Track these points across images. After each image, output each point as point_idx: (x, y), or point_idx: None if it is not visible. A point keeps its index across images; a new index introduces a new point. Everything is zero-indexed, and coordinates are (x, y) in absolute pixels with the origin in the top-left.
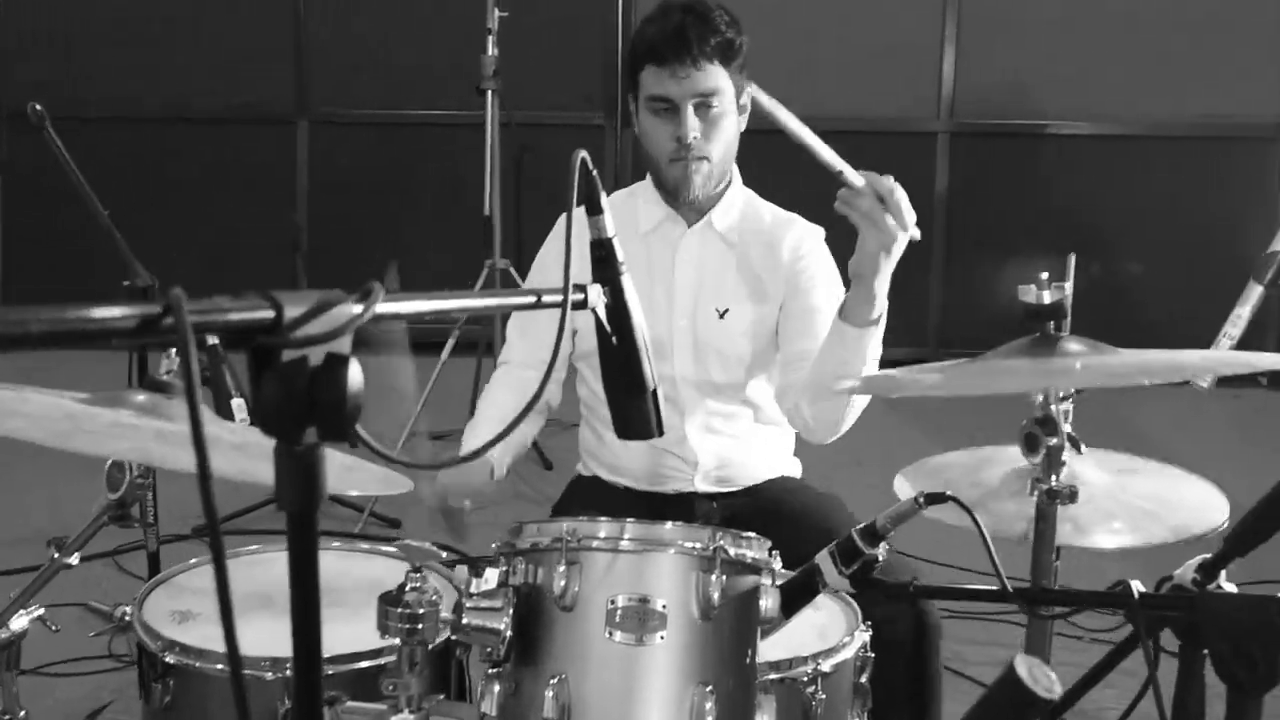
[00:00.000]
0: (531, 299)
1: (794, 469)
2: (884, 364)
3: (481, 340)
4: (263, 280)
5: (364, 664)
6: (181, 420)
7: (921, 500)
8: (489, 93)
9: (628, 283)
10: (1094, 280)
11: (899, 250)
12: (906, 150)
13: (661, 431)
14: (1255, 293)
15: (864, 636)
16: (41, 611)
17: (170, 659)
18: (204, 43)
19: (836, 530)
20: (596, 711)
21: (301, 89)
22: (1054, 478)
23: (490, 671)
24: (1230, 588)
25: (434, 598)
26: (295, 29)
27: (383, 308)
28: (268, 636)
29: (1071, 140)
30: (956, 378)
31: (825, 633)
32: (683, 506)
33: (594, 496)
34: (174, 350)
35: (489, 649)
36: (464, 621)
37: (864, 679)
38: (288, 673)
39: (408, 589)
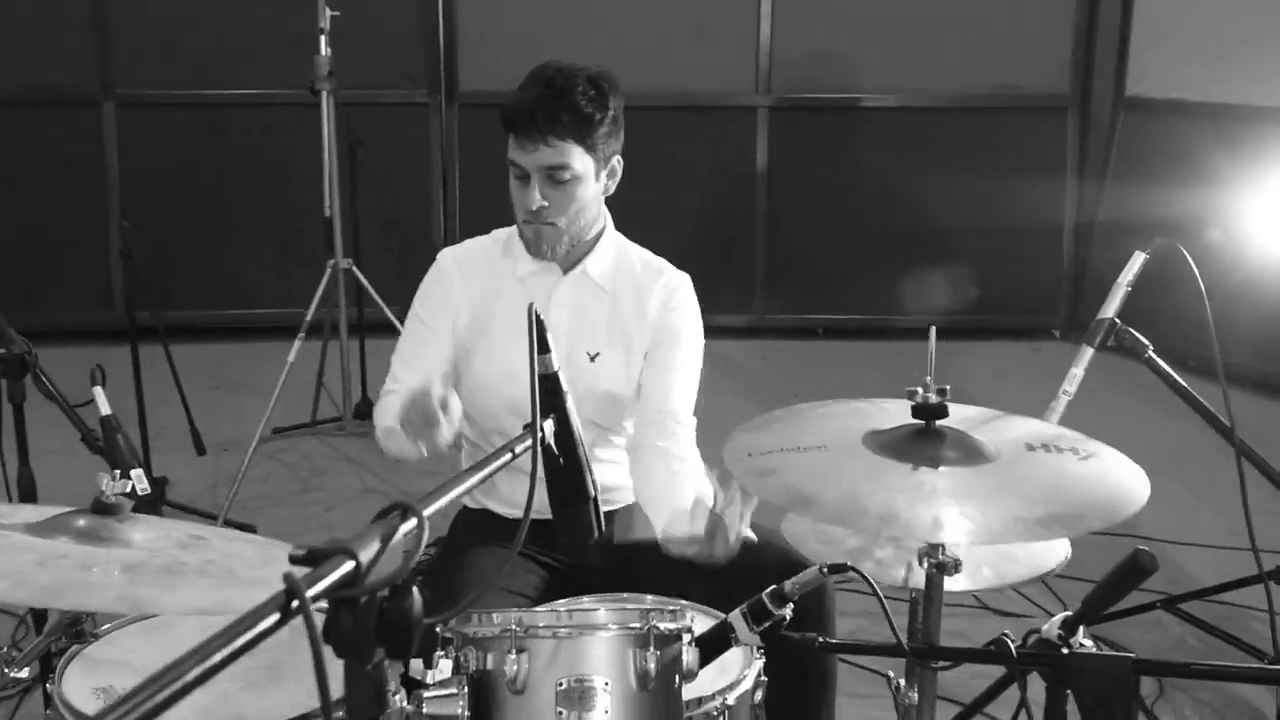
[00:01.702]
0: (508, 455)
1: None
2: (712, 332)
3: (327, 321)
4: (80, 282)
5: None
6: (125, 547)
7: (825, 570)
8: (324, 93)
9: (571, 409)
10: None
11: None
12: (728, 124)
13: (601, 533)
14: (1087, 355)
15: (759, 664)
16: None
17: None
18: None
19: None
20: None
21: (104, 66)
22: (940, 552)
23: None
24: (1088, 644)
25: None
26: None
27: (431, 510)
28: (195, 715)
29: (880, 113)
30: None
31: (725, 664)
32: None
33: (484, 528)
34: (118, 471)
35: None
36: (424, 710)
37: (758, 698)
38: None
39: None
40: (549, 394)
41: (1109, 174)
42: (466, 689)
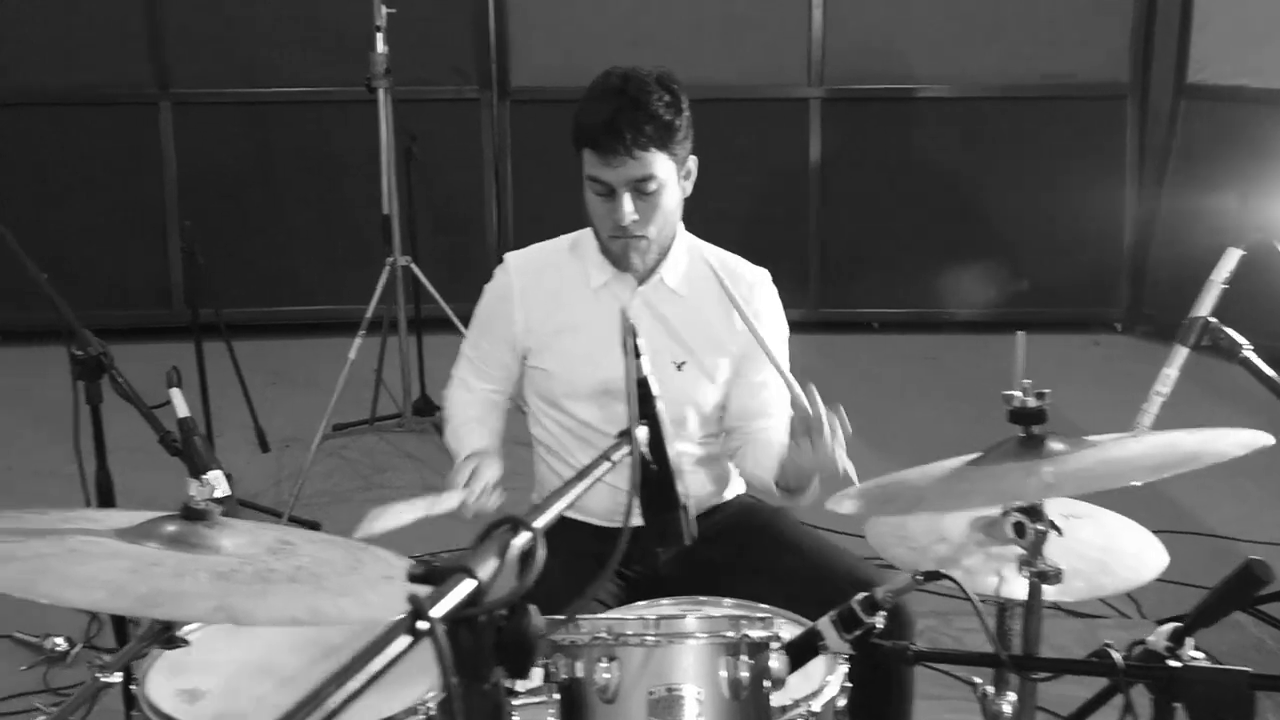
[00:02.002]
0: (608, 464)
1: (740, 486)
2: None
3: (385, 318)
4: (138, 280)
5: None
6: (215, 553)
7: (919, 578)
8: (381, 90)
9: (663, 415)
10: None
11: (823, 472)
12: (780, 116)
13: (694, 540)
14: (1181, 354)
15: (842, 669)
16: None
17: None
18: (54, 21)
19: (793, 543)
20: None
21: (161, 66)
22: (1040, 560)
23: None
24: (1199, 656)
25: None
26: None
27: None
28: (278, 715)
29: (936, 103)
30: (942, 493)
31: (808, 671)
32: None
33: (557, 534)
34: (206, 474)
35: None
36: (514, 718)
37: (841, 705)
38: None
39: None
40: (641, 399)
41: (1170, 163)
42: (557, 697)
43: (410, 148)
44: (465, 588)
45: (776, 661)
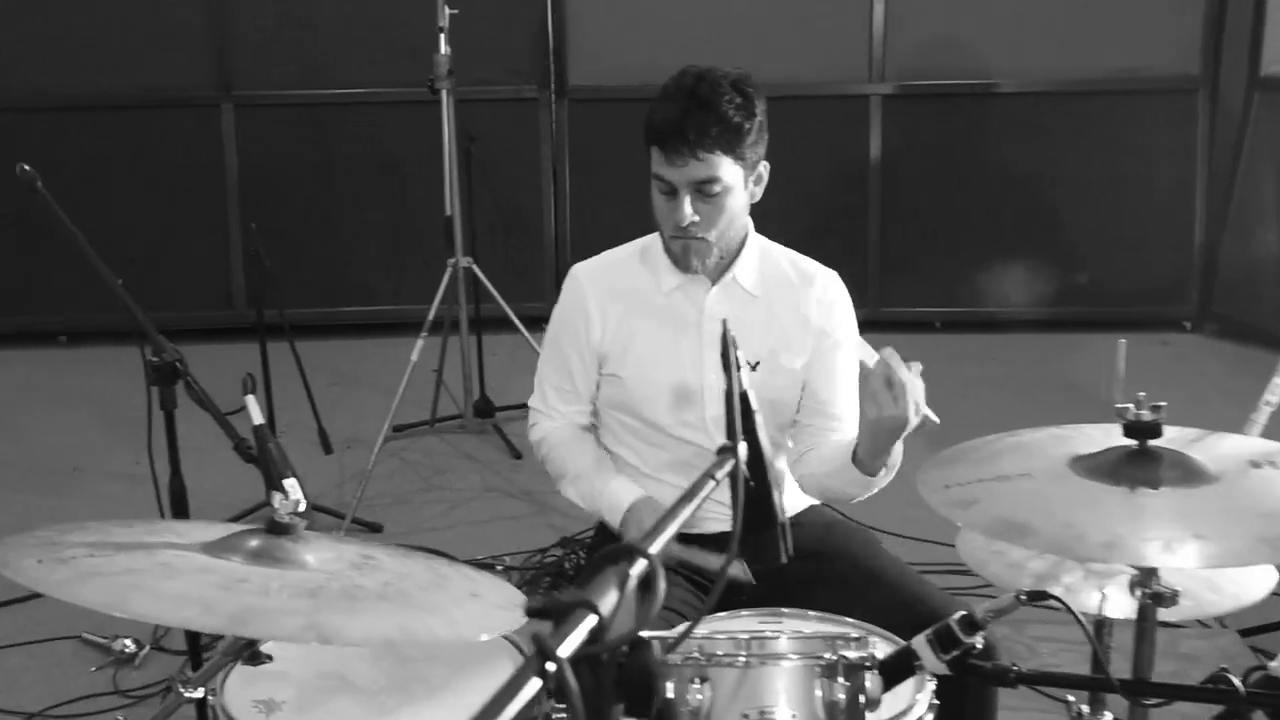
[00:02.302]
0: (712, 482)
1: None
2: None
3: (447, 319)
4: (201, 281)
5: None
6: (300, 569)
7: (1023, 598)
8: (444, 91)
9: (761, 429)
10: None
11: (905, 431)
12: (840, 114)
13: (790, 557)
14: None
15: (931, 687)
16: None
17: None
18: (115, 23)
19: (873, 557)
20: None
21: (222, 69)
22: (1155, 582)
23: None
24: None
25: None
26: (212, 2)
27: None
28: None
29: (1000, 99)
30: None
31: (897, 689)
32: (719, 545)
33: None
34: (284, 482)
35: None
36: None
37: None
38: None
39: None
40: (742, 415)
41: (1242, 159)
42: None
43: (469, 148)
44: (589, 624)
45: (870, 682)
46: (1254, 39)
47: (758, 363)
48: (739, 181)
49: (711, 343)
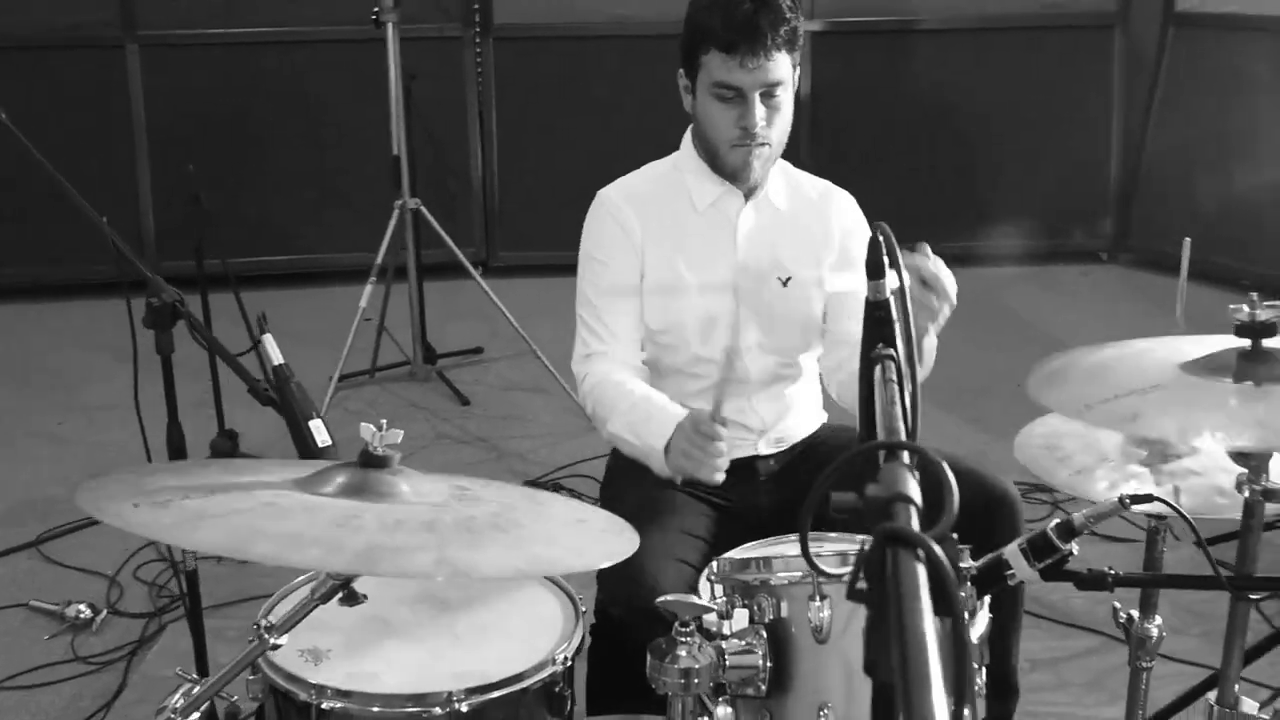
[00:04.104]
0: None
1: (824, 415)
2: None
3: (391, 265)
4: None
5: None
6: (403, 502)
7: (1127, 501)
8: (389, 25)
9: (899, 338)
10: (961, 174)
11: (943, 320)
12: None
13: None
14: None
15: (987, 598)
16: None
17: (326, 705)
18: None
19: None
20: None
21: (128, 6)
22: (1265, 478)
23: (738, 702)
24: None
25: (704, 650)
26: None
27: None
28: (412, 673)
29: (923, 35)
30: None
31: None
32: (745, 471)
33: (642, 478)
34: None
35: (748, 685)
36: (725, 662)
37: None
38: (460, 706)
39: (680, 644)
40: (879, 322)
41: (1157, 94)
42: (764, 636)
43: (409, 86)
44: (915, 515)
45: (968, 592)
46: None
47: (789, 278)
48: (791, 83)
49: (749, 262)
